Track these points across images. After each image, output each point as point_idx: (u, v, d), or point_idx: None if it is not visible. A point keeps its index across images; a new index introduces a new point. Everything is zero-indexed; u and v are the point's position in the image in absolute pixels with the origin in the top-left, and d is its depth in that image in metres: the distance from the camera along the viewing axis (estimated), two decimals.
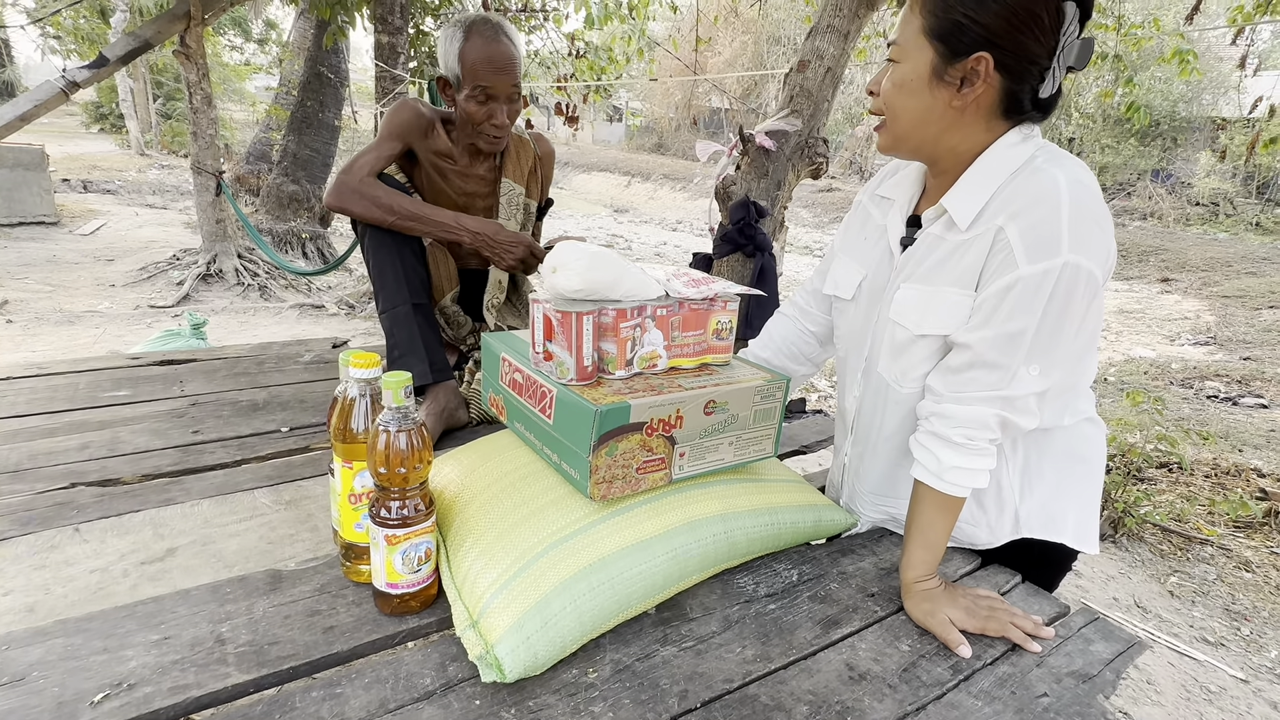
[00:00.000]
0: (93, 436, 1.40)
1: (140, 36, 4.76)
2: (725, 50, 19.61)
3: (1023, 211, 0.85)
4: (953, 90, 0.88)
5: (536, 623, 0.79)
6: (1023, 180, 0.87)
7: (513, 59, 1.50)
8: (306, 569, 0.95)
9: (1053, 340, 0.86)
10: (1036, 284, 0.83)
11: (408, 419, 0.83)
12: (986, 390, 0.89)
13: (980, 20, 0.84)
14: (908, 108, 0.92)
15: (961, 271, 0.91)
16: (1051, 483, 1.02)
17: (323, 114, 7.75)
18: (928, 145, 0.94)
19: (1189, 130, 15.34)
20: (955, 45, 0.86)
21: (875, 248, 1.08)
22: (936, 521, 0.93)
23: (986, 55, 0.84)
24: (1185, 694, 2.09)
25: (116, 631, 0.81)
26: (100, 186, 10.52)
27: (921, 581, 0.94)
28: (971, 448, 0.90)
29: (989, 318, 0.87)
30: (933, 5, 0.87)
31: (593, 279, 0.90)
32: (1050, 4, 0.83)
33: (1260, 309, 8.08)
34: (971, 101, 0.88)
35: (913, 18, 0.89)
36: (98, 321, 4.84)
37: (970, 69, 0.86)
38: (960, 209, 0.91)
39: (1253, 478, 3.41)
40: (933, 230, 0.97)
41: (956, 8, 0.85)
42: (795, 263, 10.54)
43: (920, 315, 0.95)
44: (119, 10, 10.64)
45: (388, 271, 1.49)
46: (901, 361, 0.99)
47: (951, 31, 0.86)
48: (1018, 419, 0.89)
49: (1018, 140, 0.91)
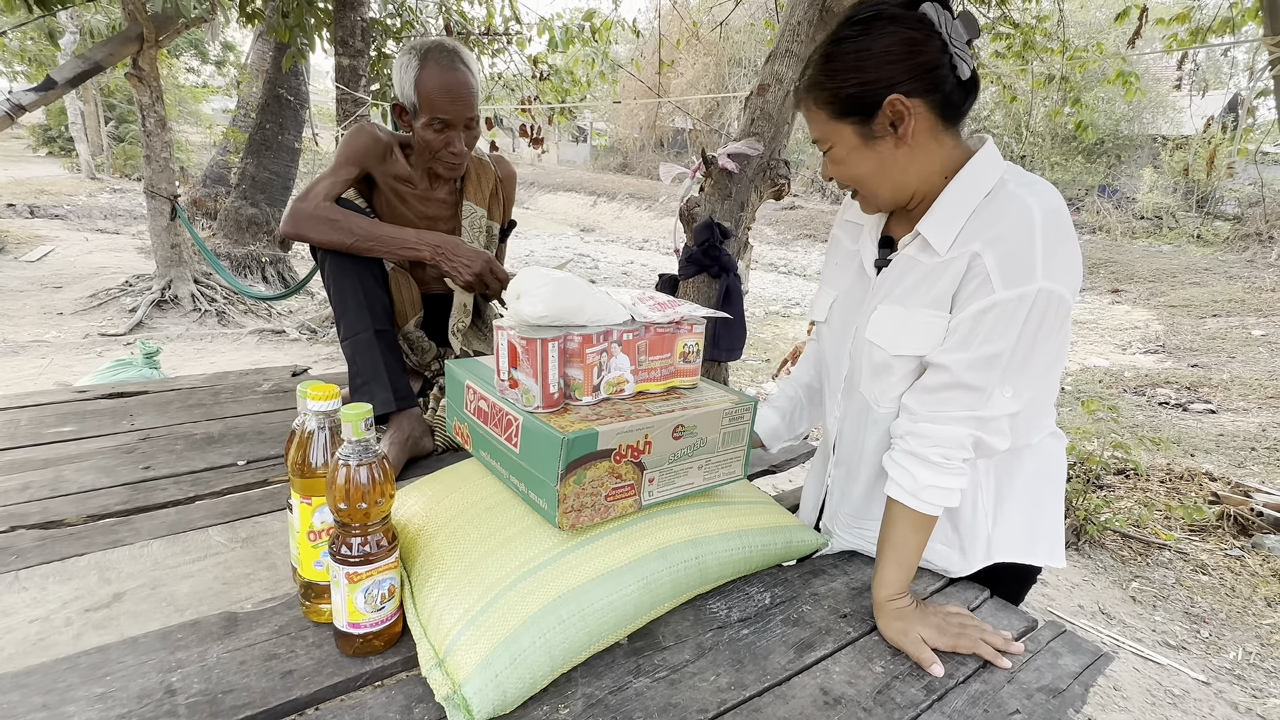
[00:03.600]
0: (34, 476, 1.33)
1: (90, 59, 4.65)
2: (688, 71, 19.94)
3: (999, 239, 0.87)
4: (889, 138, 0.92)
5: (505, 659, 0.77)
6: (998, 205, 0.90)
7: (469, 87, 1.48)
8: (264, 610, 0.91)
9: (1026, 363, 0.89)
10: (1013, 309, 0.86)
11: (368, 452, 0.81)
12: (963, 410, 0.91)
13: (867, 80, 0.89)
14: (866, 173, 0.96)
15: (937, 294, 0.93)
16: (1022, 504, 1.04)
17: (282, 136, 7.64)
18: (903, 188, 0.96)
19: (1132, 148, 16.04)
20: (863, 109, 0.90)
21: (847, 271, 1.11)
22: (910, 540, 0.94)
23: (895, 96, 0.88)
24: (1150, 698, 2.13)
25: (57, 686, 0.76)
26: (48, 211, 10.19)
27: (894, 600, 0.94)
28: (947, 467, 0.91)
29: (966, 340, 0.89)
30: (824, 98, 0.93)
31: (557, 305, 0.89)
32: (910, 22, 0.87)
33: (1205, 317, 8.42)
34: (913, 132, 0.91)
35: (815, 116, 0.95)
36: (44, 351, 4.65)
37: (890, 114, 0.89)
38: (937, 235, 0.93)
39: (1205, 482, 3.52)
40: (907, 252, 0.99)
41: (843, 87, 0.90)
42: (760, 279, 10.67)
43: (896, 335, 0.97)
44: (68, 32, 10.39)
45: (349, 298, 1.46)
46: (881, 382, 1.01)
47: (851, 104, 0.91)
48: (991, 439, 0.91)
49: (986, 163, 0.93)
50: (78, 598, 0.99)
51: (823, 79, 0.92)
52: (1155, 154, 15.45)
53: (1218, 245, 12.85)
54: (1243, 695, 2.16)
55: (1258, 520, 3.14)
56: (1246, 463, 4.05)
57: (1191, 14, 3.92)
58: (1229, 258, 11.79)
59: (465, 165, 1.58)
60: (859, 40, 0.89)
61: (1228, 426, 4.72)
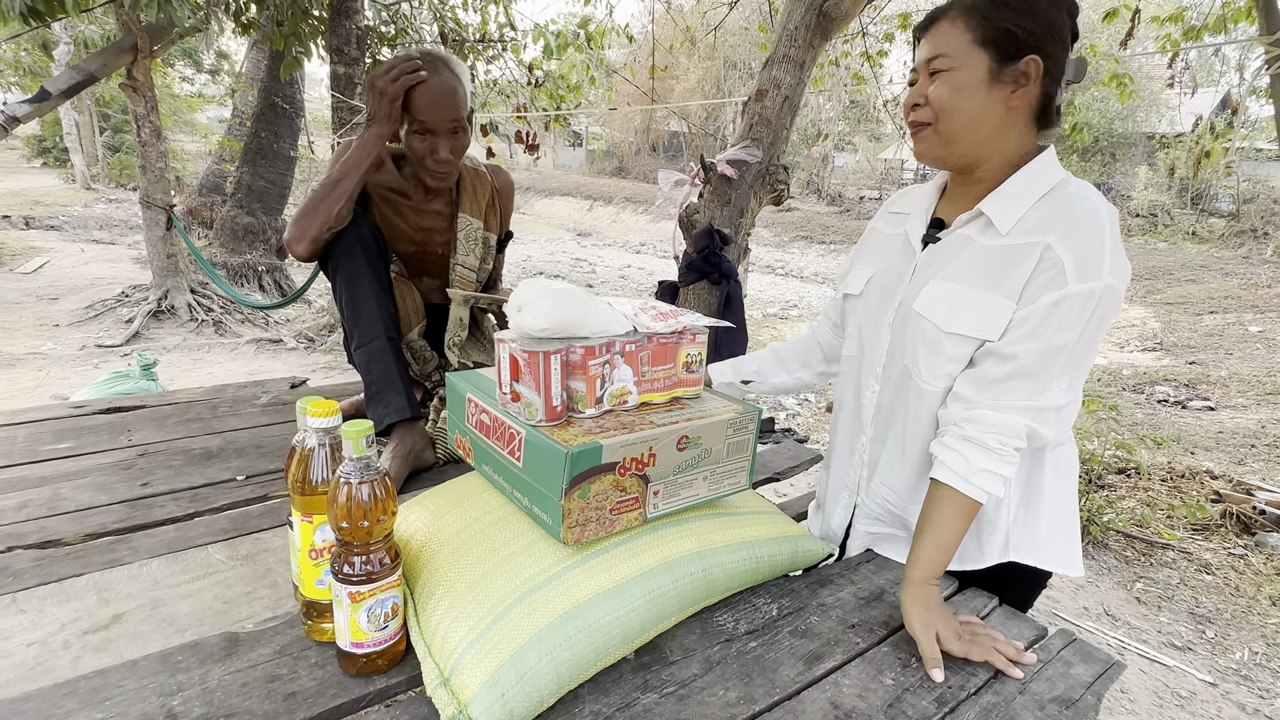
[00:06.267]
0: (31, 494, 1.32)
1: (85, 70, 4.64)
2: (684, 77, 19.98)
3: (1073, 232, 0.91)
4: (1008, 90, 0.94)
5: (511, 678, 0.76)
6: (1065, 201, 0.94)
7: (452, 91, 1.46)
8: (265, 630, 0.90)
9: (1084, 356, 0.93)
10: (1082, 302, 0.89)
11: (370, 469, 0.79)
12: (1022, 399, 0.93)
13: (1028, 28, 0.92)
14: (966, 109, 0.96)
15: (1006, 280, 0.94)
16: (1043, 508, 1.04)
17: (278, 145, 7.63)
18: (975, 148, 0.98)
19: (1126, 146, 16.10)
20: (1008, 50, 0.93)
21: (886, 250, 1.13)
22: (952, 524, 0.94)
23: (1037, 58, 0.92)
24: (1158, 700, 2.12)
25: (55, 712, 0.75)
26: (43, 223, 10.17)
27: (925, 583, 0.93)
28: (1002, 453, 0.93)
29: (1036, 330, 0.91)
30: (980, 18, 0.94)
31: (559, 317, 0.88)
32: (1070, 25, 0.94)
33: (1201, 314, 8.44)
34: (1022, 103, 0.95)
35: (956, 31, 0.95)
36: (40, 364, 4.63)
37: (1023, 71, 0.93)
38: (1002, 214, 0.96)
39: (1206, 480, 3.52)
40: (964, 232, 1.01)
41: (1007, 18, 0.92)
42: (758, 281, 10.68)
43: (951, 313, 0.98)
44: (62, 43, 10.38)
45: (361, 306, 1.44)
46: (930, 357, 1.01)
47: (1004, 38, 0.93)
48: (1044, 430, 0.93)
49: (1051, 161, 0.98)
50: (76, 619, 0.98)
51: (988, 4, 0.93)
52: (1150, 152, 15.50)
53: (1213, 242, 12.89)
54: (1250, 696, 2.15)
55: (1260, 518, 3.13)
56: (1247, 460, 4.05)
57: (1184, 14, 3.94)
58: (1224, 254, 11.82)
59: (453, 175, 1.57)
60: None
61: (1227, 423, 4.72)
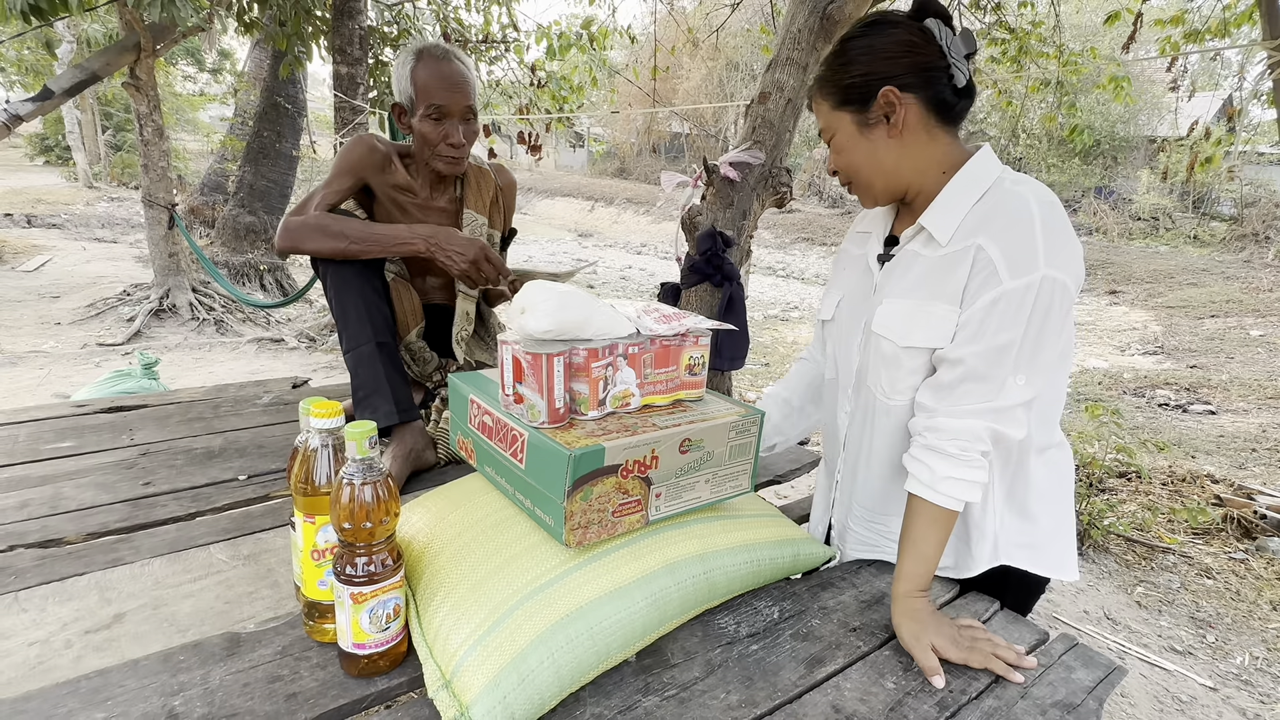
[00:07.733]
0: (33, 493, 1.32)
1: (87, 69, 4.65)
2: (686, 78, 19.98)
3: (1003, 230, 0.92)
4: (882, 127, 0.99)
5: (513, 680, 0.76)
6: (996, 200, 0.94)
7: (465, 77, 1.50)
8: (267, 630, 0.90)
9: (1036, 349, 0.92)
10: (1020, 297, 0.89)
11: (373, 470, 0.80)
12: (978, 402, 0.93)
13: (860, 73, 0.98)
14: (861, 161, 1.03)
15: (948, 289, 0.96)
16: (1032, 511, 1.04)
17: (280, 144, 7.64)
18: (892, 182, 1.03)
19: (1128, 149, 16.08)
20: (860, 98, 0.99)
21: (852, 272, 1.16)
22: (929, 535, 0.94)
23: (888, 87, 0.96)
24: (1159, 705, 2.12)
25: (57, 711, 0.75)
26: (45, 221, 10.18)
27: (911, 597, 0.93)
28: (965, 458, 0.92)
29: (978, 332, 0.92)
30: (826, 90, 1.02)
31: (562, 319, 0.88)
32: (913, 29, 0.96)
33: (1203, 318, 8.43)
34: (906, 126, 0.98)
35: (820, 107, 1.05)
36: (42, 362, 4.63)
37: (883, 104, 0.97)
38: (939, 225, 0.98)
39: (1207, 484, 3.52)
40: (910, 247, 1.03)
41: (843, 78, 1.00)
42: (759, 283, 10.68)
43: (905, 328, 0.99)
44: (65, 41, 10.40)
45: (350, 310, 1.45)
46: (890, 374, 1.03)
47: (849, 93, 0.99)
48: (1007, 429, 0.93)
49: (983, 163, 0.98)
50: (78, 619, 0.98)
51: (829, 72, 1.02)
52: (1152, 155, 15.49)
53: (1214, 246, 12.88)
54: (1250, 701, 2.15)
55: (1261, 523, 3.13)
56: (1248, 464, 4.04)
57: (1185, 17, 3.94)
58: (1226, 258, 11.82)
59: (465, 161, 1.57)
60: (864, 39, 0.98)
61: (1228, 427, 4.72)
